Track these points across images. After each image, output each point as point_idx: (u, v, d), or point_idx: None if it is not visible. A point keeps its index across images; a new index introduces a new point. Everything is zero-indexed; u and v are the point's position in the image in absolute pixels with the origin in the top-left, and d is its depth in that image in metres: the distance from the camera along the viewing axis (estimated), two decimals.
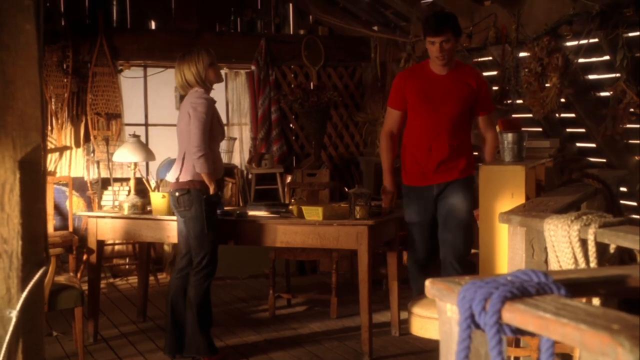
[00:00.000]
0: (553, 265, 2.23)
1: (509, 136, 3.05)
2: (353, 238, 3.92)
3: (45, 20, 1.78)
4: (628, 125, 4.40)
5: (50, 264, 3.39)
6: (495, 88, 5.26)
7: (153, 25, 6.59)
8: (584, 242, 2.11)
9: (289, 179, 6.19)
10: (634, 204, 5.10)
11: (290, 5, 6.84)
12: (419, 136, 3.91)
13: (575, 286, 1.41)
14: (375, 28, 6.60)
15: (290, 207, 4.17)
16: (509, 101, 5.18)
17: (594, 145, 5.17)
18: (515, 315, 1.22)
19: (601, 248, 2.16)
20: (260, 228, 4.09)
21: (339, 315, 4.84)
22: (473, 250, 4.04)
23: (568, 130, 5.47)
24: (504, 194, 2.73)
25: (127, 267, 6.24)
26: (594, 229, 2.06)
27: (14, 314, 1.67)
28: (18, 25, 1.64)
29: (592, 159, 5.40)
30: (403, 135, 4.01)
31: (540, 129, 5.63)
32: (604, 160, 5.22)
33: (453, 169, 3.90)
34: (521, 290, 1.27)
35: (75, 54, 6.15)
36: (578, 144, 5.50)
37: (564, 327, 1.13)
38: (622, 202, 5.35)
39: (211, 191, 3.80)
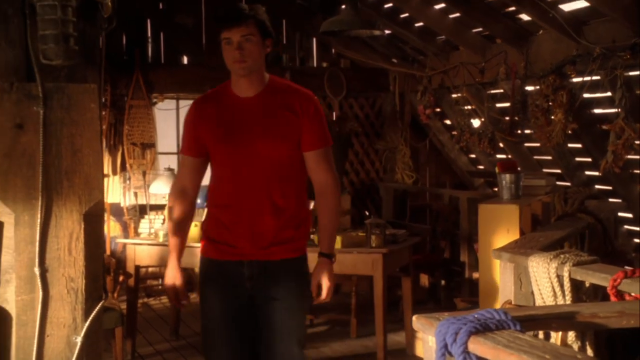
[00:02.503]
0: (537, 297, 2.56)
1: (507, 177, 3.38)
2: (369, 265, 4.26)
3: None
4: (630, 156, 4.69)
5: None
6: (507, 118, 5.58)
7: (185, 60, 7.03)
8: (561, 278, 2.44)
9: (312, 204, 6.54)
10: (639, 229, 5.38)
11: (314, 39, 7.23)
12: (226, 193, 2.56)
13: (532, 321, 1.75)
14: (394, 61, 6.96)
15: (312, 236, 4.52)
16: (519, 131, 5.51)
17: (600, 173, 5.45)
18: (477, 346, 1.56)
19: (579, 282, 2.48)
20: None
21: (359, 335, 5.17)
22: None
23: (577, 159, 5.77)
24: (501, 229, 3.06)
25: (160, 287, 6.64)
26: (569, 267, 2.39)
27: (79, 339, 2.05)
28: (85, 105, 2.04)
29: (598, 186, 5.70)
30: (208, 190, 2.70)
31: (549, 158, 5.94)
32: (610, 188, 5.50)
33: (278, 243, 2.53)
34: (483, 326, 1.62)
35: (113, 88, 6.60)
36: (586, 172, 5.79)
37: (510, 356, 1.48)
38: (627, 227, 5.65)
39: None
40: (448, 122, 6.96)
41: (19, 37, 2.01)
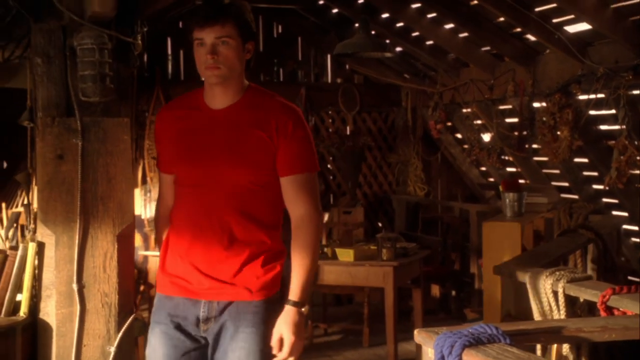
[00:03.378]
0: (534, 311, 2.74)
1: (510, 195, 3.56)
2: (380, 277, 4.45)
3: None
4: (634, 172, 4.84)
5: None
6: (515, 133, 5.76)
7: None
8: (556, 294, 2.62)
9: (326, 217, 6.75)
10: None
11: (329, 56, 7.45)
12: (183, 218, 2.20)
13: (522, 335, 1.94)
14: (406, 76, 7.15)
15: (325, 249, 4.73)
16: (527, 146, 5.68)
17: (605, 188, 5.61)
18: (470, 358, 1.76)
19: (574, 297, 2.66)
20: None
21: (371, 344, 5.35)
22: None
23: (584, 173, 5.92)
24: (504, 246, 3.24)
25: None
26: (563, 284, 2.57)
27: (112, 349, 2.27)
28: (119, 137, 2.26)
29: (605, 199, 5.85)
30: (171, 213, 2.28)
31: (558, 171, 6.10)
32: (616, 201, 5.65)
33: (239, 282, 2.14)
34: (476, 340, 1.81)
35: (134, 104, 6.86)
36: (594, 186, 5.94)
37: None
38: (634, 239, 5.79)
39: None
40: (459, 135, 7.14)
41: (60, 76, 2.24)
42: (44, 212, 2.21)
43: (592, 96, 4.88)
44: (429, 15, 5.72)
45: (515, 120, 5.88)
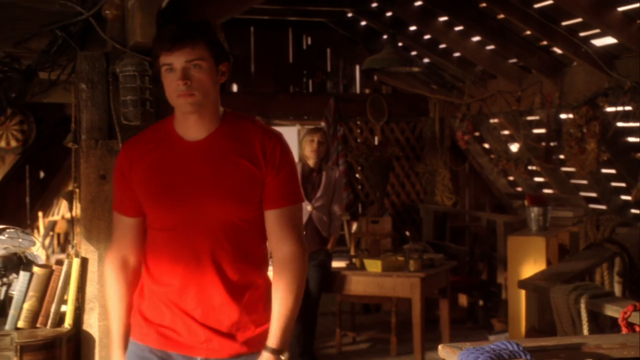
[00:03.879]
0: (557, 325, 2.81)
1: (535, 209, 3.62)
2: (408, 288, 4.53)
3: None
4: None
5: None
6: (542, 144, 5.80)
7: (235, 88, 7.43)
8: (578, 309, 2.68)
9: (354, 226, 6.84)
10: None
11: (357, 67, 7.56)
12: (168, 263, 1.98)
13: (542, 352, 2.01)
14: (434, 87, 7.23)
15: (354, 260, 4.82)
16: (554, 157, 5.72)
17: (632, 200, 5.61)
18: None
19: (597, 312, 2.72)
20: (330, 277, 4.76)
21: (398, 353, 5.42)
22: None
23: (612, 184, 5.93)
24: (528, 260, 3.30)
25: None
26: (585, 299, 2.64)
27: None
28: None
29: (634, 210, 5.85)
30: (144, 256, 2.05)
31: (586, 182, 6.12)
32: None
33: (240, 334, 1.97)
34: (498, 356, 1.90)
35: None
36: (622, 197, 5.94)
37: None
38: None
39: None
40: (487, 145, 7.18)
41: (103, 101, 2.38)
42: (88, 229, 2.35)
43: (620, 108, 4.91)
44: (456, 28, 5.80)
45: (543, 130, 5.92)
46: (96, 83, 2.36)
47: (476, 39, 5.79)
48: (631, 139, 5.43)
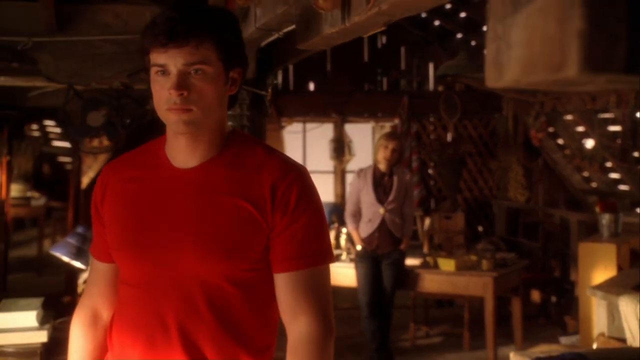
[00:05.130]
0: (626, 332, 2.94)
1: (606, 216, 3.73)
2: (480, 287, 4.70)
3: None
4: None
5: None
6: (618, 141, 5.81)
7: (311, 87, 7.69)
8: None
9: (427, 221, 7.02)
10: None
11: (431, 65, 7.69)
12: (127, 330, 1.52)
13: None
14: None
15: (428, 258, 5.02)
16: (630, 155, 5.73)
17: None
18: None
19: None
20: (404, 275, 4.98)
21: (472, 347, 5.59)
22: None
23: None
24: (599, 266, 3.43)
25: None
26: None
27: None
28: None
29: None
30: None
31: None
32: None
33: None
34: None
35: None
36: None
37: None
38: None
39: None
40: (561, 141, 7.21)
41: None
42: None
43: None
44: None
45: (618, 128, 5.92)
46: None
47: None
48: None
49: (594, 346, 2.85)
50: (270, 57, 2.54)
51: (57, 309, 2.94)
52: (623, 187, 6.63)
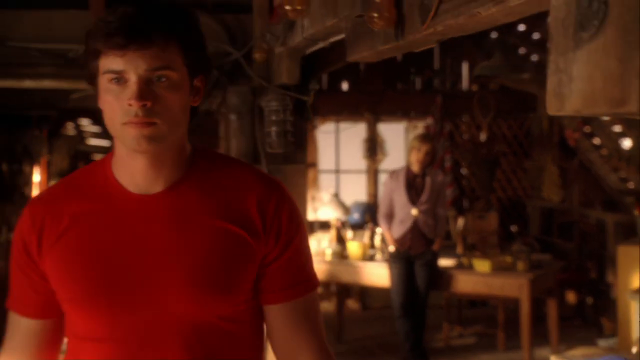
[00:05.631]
0: None
1: None
2: (515, 288, 4.71)
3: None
4: None
5: None
6: None
7: (344, 87, 7.74)
8: None
9: (460, 220, 7.02)
10: None
11: (464, 64, 7.68)
12: None
13: None
14: (543, 84, 7.25)
15: (462, 259, 5.04)
16: None
17: None
18: None
19: None
20: (438, 275, 5.01)
21: (506, 348, 5.60)
22: None
23: None
24: (638, 269, 3.42)
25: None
26: None
27: None
28: (297, 181, 2.72)
29: None
30: None
31: None
32: None
33: None
34: None
35: None
36: None
37: None
38: None
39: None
40: (597, 141, 7.15)
41: (249, 130, 2.73)
42: None
43: None
44: None
45: None
46: (244, 114, 2.71)
47: None
48: None
49: (634, 350, 2.85)
50: (312, 63, 2.59)
51: None
52: None
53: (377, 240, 5.43)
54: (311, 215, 7.06)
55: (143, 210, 1.23)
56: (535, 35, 6.35)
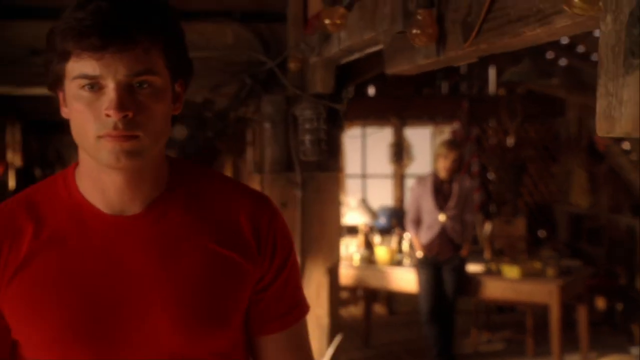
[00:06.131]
0: None
1: None
2: (545, 294, 4.69)
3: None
4: None
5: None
6: None
7: (371, 91, 7.76)
8: None
9: (487, 225, 7.00)
10: None
11: (491, 68, 7.66)
12: None
13: None
14: (571, 89, 7.21)
15: (490, 264, 5.03)
16: None
17: None
18: None
19: None
20: (466, 281, 5.01)
21: (535, 354, 5.57)
22: None
23: None
24: None
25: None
26: None
27: None
28: (329, 188, 2.75)
29: None
30: None
31: None
32: None
33: None
34: None
35: None
36: None
37: None
38: None
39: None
40: (627, 145, 7.08)
41: (283, 138, 2.77)
42: None
43: None
44: (596, 32, 5.79)
45: None
46: (278, 123, 2.75)
47: None
48: None
49: None
50: (346, 72, 2.63)
51: None
52: None
53: (405, 245, 5.44)
54: None
55: (120, 234, 1.06)
56: (564, 40, 6.32)
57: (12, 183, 6.41)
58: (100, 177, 1.06)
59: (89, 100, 0.99)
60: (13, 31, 2.77)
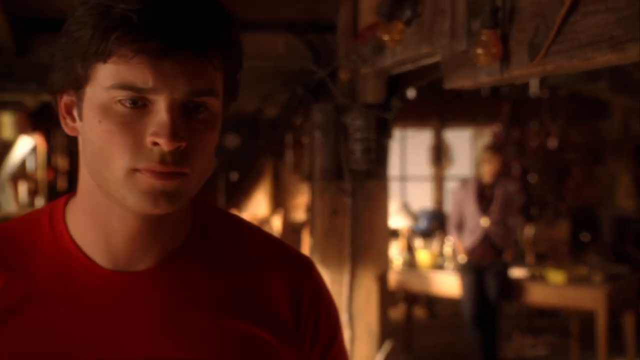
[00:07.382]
0: None
1: None
2: (591, 300, 4.65)
3: None
4: None
5: None
6: None
7: (410, 93, 7.74)
8: None
9: (527, 229, 6.94)
10: None
11: None
12: None
13: None
14: (617, 91, 7.10)
15: (534, 269, 5.00)
16: None
17: None
18: None
19: None
20: (510, 286, 4.98)
21: (580, 359, 5.51)
22: None
23: None
24: None
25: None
26: None
27: None
28: (379, 196, 2.78)
29: None
30: None
31: None
32: None
33: None
34: None
35: None
36: None
37: None
38: None
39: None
40: None
41: (333, 147, 2.80)
42: (322, 256, 2.79)
43: None
44: None
45: None
46: (328, 131, 2.78)
47: None
48: None
49: None
50: (396, 81, 2.65)
51: None
52: None
53: (447, 249, 5.44)
54: None
55: (123, 297, 0.80)
56: None
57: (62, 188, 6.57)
58: (108, 221, 0.80)
59: (127, 119, 0.74)
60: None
